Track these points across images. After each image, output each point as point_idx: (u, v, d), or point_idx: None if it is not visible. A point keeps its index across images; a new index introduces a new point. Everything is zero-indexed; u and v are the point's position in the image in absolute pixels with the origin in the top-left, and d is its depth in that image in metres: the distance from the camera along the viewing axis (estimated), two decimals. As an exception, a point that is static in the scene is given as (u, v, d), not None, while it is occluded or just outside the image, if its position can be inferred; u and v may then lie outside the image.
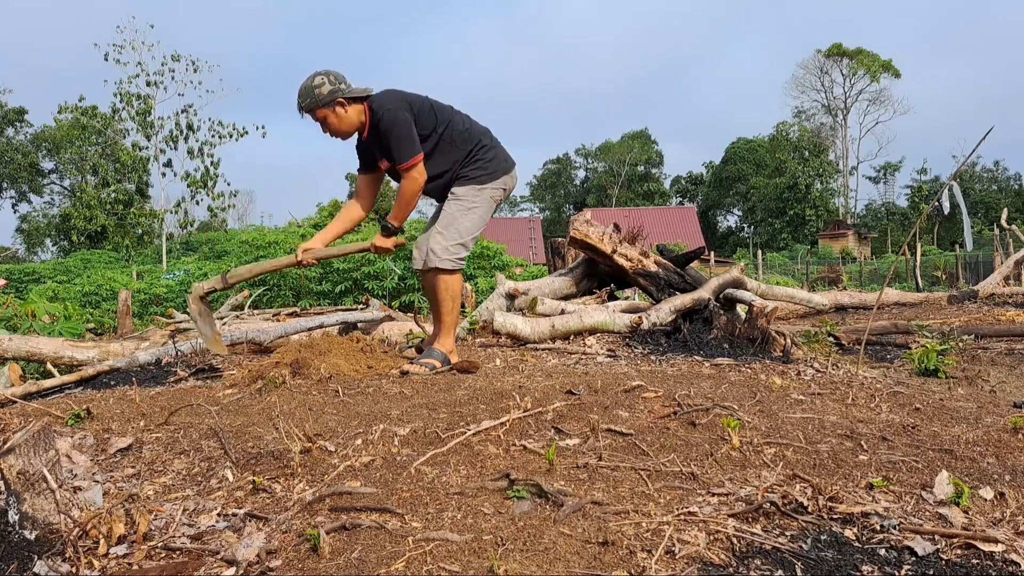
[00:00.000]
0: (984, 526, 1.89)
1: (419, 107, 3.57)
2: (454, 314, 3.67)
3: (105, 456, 2.45)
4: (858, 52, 55.75)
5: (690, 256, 6.03)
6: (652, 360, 3.99)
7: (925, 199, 47.87)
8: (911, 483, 2.16)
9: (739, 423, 2.53)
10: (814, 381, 3.47)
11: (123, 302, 8.56)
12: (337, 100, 3.45)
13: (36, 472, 1.73)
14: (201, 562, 1.71)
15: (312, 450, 2.36)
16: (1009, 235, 17.08)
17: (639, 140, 64.54)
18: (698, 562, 1.65)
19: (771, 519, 1.88)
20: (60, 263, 29.80)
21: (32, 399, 3.37)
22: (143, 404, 3.00)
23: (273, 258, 13.40)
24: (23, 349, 4.50)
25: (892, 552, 1.72)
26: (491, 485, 2.08)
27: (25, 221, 48.23)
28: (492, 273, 13.18)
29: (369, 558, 1.65)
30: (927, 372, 4.11)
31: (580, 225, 5.78)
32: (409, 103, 3.54)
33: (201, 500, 2.09)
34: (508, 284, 5.79)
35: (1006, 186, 56.07)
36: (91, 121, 35.20)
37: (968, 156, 4.12)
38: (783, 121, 58.12)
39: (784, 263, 35.17)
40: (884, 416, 2.85)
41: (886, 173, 58.94)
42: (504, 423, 2.57)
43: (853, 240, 44.68)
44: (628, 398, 2.94)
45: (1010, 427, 2.69)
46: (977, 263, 24.27)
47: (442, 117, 3.64)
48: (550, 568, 1.60)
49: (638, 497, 2.02)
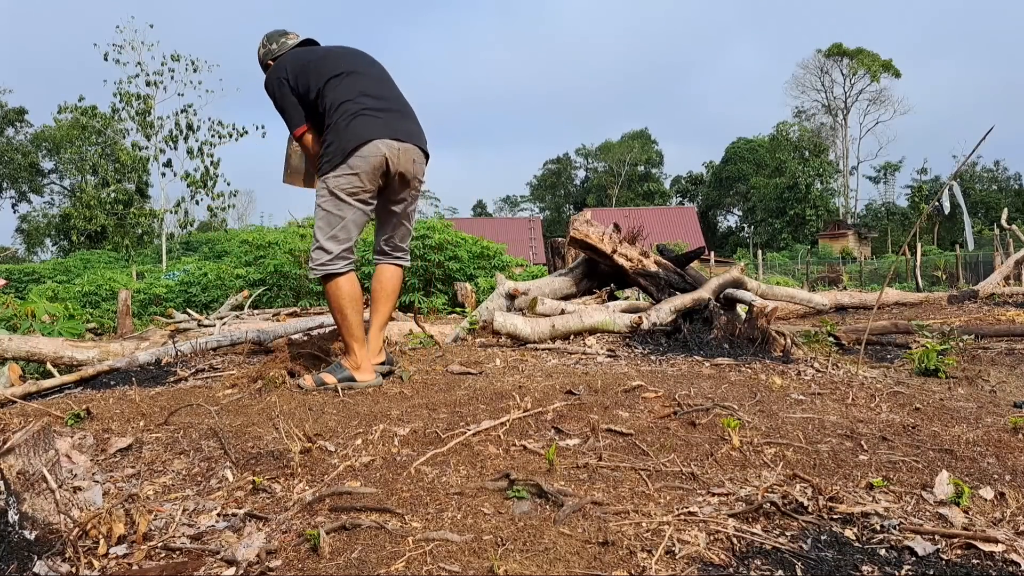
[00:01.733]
0: (984, 526, 1.89)
1: (299, 69, 3.23)
2: (349, 323, 3.19)
3: (105, 456, 2.45)
4: (858, 52, 55.76)
5: (690, 256, 6.04)
6: (652, 360, 3.98)
7: (925, 199, 47.86)
8: (911, 483, 2.15)
9: (739, 423, 2.53)
10: (814, 381, 3.47)
11: (123, 302, 8.56)
12: (267, 63, 3.37)
13: (36, 472, 1.73)
14: (201, 562, 1.71)
15: (312, 450, 2.36)
16: (1009, 235, 17.08)
17: (639, 140, 64.58)
18: (698, 562, 1.65)
19: (771, 519, 1.88)
20: (60, 263, 29.83)
21: (32, 399, 3.37)
22: (143, 404, 3.00)
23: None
24: (23, 349, 4.51)
25: (892, 552, 1.72)
26: (491, 485, 2.08)
27: (25, 221, 48.27)
28: (492, 273, 13.19)
29: (369, 558, 1.65)
30: (927, 372, 4.11)
31: (580, 225, 5.78)
32: (287, 67, 3.24)
33: (201, 500, 2.08)
34: (508, 284, 5.78)
35: (1006, 186, 56.08)
36: (91, 121, 35.17)
37: (968, 156, 4.12)
38: (783, 121, 58.21)
39: (784, 263, 35.18)
40: (884, 416, 2.85)
41: (886, 173, 58.99)
42: (504, 423, 2.57)
43: (853, 240, 44.69)
44: (628, 398, 2.94)
45: (1010, 427, 2.69)
46: (977, 263, 24.28)
47: (317, 81, 3.20)
48: (550, 568, 1.60)
49: (638, 497, 2.02)
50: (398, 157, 3.16)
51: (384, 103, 3.24)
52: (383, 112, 3.21)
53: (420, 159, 3.28)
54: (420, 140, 3.29)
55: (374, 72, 3.35)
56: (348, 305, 3.18)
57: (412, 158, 3.21)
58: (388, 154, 3.14)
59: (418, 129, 3.33)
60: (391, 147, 3.15)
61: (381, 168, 3.15)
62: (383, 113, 3.20)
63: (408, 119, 3.31)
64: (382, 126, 3.16)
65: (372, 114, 3.17)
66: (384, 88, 3.32)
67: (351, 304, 3.19)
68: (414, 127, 3.31)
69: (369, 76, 3.30)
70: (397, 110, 3.28)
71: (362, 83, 3.24)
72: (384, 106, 3.23)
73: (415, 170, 3.25)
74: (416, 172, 3.27)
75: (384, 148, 3.13)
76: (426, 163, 3.34)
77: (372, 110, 3.18)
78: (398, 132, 3.19)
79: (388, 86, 3.36)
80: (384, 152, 3.13)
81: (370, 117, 3.16)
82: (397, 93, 3.38)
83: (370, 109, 3.18)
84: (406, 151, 3.19)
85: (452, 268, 13.35)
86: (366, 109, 3.16)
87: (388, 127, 3.17)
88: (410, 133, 3.25)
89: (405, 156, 3.19)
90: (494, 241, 15.34)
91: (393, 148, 3.15)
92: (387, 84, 3.37)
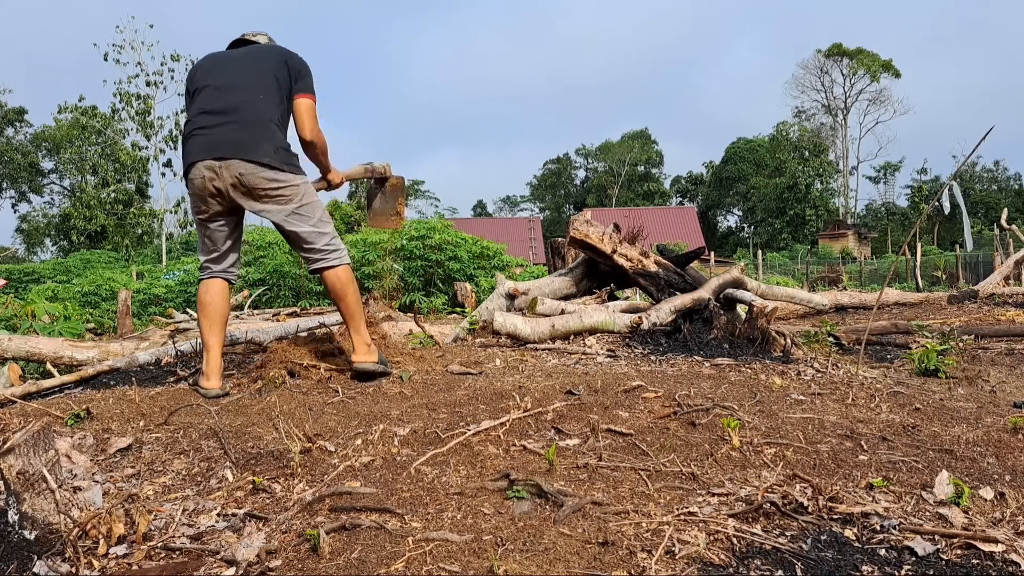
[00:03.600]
0: (984, 526, 1.89)
1: (186, 86, 3.35)
2: (201, 332, 3.34)
3: (105, 456, 2.45)
4: (858, 52, 55.77)
5: (690, 256, 6.04)
6: (652, 360, 3.98)
7: (925, 199, 47.87)
8: (911, 483, 2.15)
9: (739, 423, 2.53)
10: (814, 381, 3.47)
11: (123, 302, 8.56)
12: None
13: (36, 472, 1.73)
14: (201, 562, 1.71)
15: (312, 450, 2.36)
16: (1009, 235, 17.08)
17: (639, 140, 64.57)
18: (698, 562, 1.65)
19: (771, 519, 1.88)
20: (60, 263, 29.81)
21: (32, 399, 3.37)
22: (143, 404, 3.00)
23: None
24: (23, 349, 4.51)
25: (892, 552, 1.72)
26: (491, 485, 2.08)
27: (25, 221, 48.26)
28: (492, 273, 13.19)
29: (369, 558, 1.65)
30: (927, 372, 4.11)
31: (580, 225, 5.78)
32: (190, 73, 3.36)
33: (201, 500, 2.08)
34: (508, 284, 5.78)
35: (1006, 186, 56.09)
36: (91, 121, 35.21)
37: (968, 156, 4.12)
38: (783, 121, 58.25)
39: (784, 263, 35.18)
40: (884, 416, 2.85)
41: (886, 173, 59.01)
42: (504, 423, 2.57)
43: (853, 240, 44.69)
44: (628, 398, 2.94)
45: (1010, 427, 2.69)
46: (977, 263, 24.28)
47: (188, 101, 3.31)
48: (550, 568, 1.60)
49: (638, 497, 2.02)
50: (217, 175, 3.11)
51: (218, 118, 3.15)
52: (212, 129, 3.14)
53: (249, 170, 3.09)
54: (246, 151, 3.10)
55: (224, 79, 3.23)
56: (201, 310, 3.30)
57: (238, 172, 3.08)
58: (207, 175, 3.11)
59: (247, 136, 3.12)
60: (211, 167, 3.11)
61: (207, 190, 3.14)
62: (210, 130, 3.14)
63: (239, 128, 3.13)
64: (205, 146, 3.12)
65: (200, 133, 3.15)
66: (225, 98, 3.17)
67: (201, 309, 3.30)
68: (243, 136, 3.11)
69: (214, 88, 3.20)
70: (229, 122, 3.14)
71: (204, 99, 3.19)
72: (216, 121, 3.14)
73: (249, 182, 3.10)
74: (251, 183, 3.10)
75: (204, 170, 3.12)
76: (268, 168, 3.12)
77: (202, 129, 3.15)
78: (218, 149, 3.10)
79: (232, 93, 3.18)
80: (204, 174, 3.12)
81: (197, 137, 3.15)
82: (242, 98, 3.17)
83: (200, 128, 3.15)
84: (227, 167, 3.09)
85: (452, 268, 13.35)
86: (196, 129, 3.16)
87: (210, 146, 3.12)
88: (235, 146, 3.10)
89: (228, 172, 3.10)
90: (494, 241, 15.34)
91: (213, 168, 3.11)
92: (231, 91, 3.18)
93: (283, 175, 3.14)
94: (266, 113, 3.16)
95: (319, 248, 3.25)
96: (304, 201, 3.22)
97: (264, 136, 3.13)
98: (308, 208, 3.23)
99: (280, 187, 3.15)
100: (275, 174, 3.12)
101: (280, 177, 3.14)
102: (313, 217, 3.24)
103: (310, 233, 3.23)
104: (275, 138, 3.16)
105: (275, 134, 3.17)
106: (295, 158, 3.25)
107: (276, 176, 3.13)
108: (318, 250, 3.25)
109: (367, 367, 3.29)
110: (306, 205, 3.22)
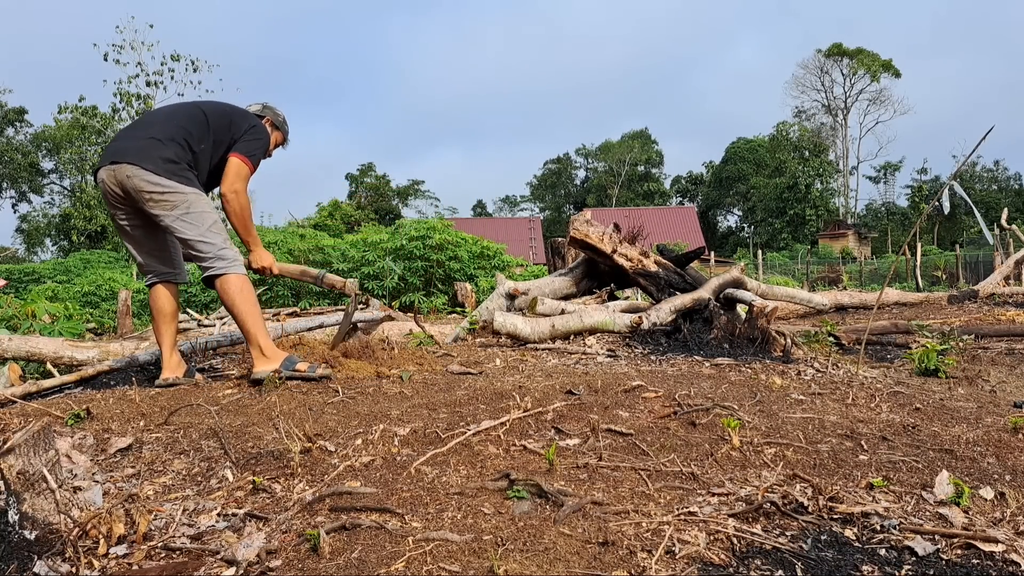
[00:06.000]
0: (984, 526, 1.89)
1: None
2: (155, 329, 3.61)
3: (105, 456, 2.45)
4: (858, 52, 55.79)
5: (690, 256, 6.04)
6: (652, 360, 3.98)
7: (925, 199, 47.86)
8: (911, 483, 2.15)
9: (739, 423, 2.53)
10: (814, 381, 3.47)
11: (123, 302, 8.56)
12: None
13: (36, 472, 1.73)
14: (201, 562, 1.71)
15: (312, 450, 2.36)
16: (1009, 235, 17.09)
17: (639, 140, 64.59)
18: (698, 562, 1.65)
19: (771, 519, 1.88)
20: (60, 263, 29.80)
21: (32, 399, 3.37)
22: (143, 404, 3.00)
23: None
24: (23, 349, 4.50)
25: (892, 552, 1.72)
26: (491, 485, 2.08)
27: (25, 221, 48.28)
28: (492, 273, 13.19)
29: (369, 558, 1.65)
30: (927, 372, 4.11)
31: (580, 225, 5.78)
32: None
33: (201, 500, 2.08)
34: (508, 284, 5.79)
35: (1006, 186, 56.08)
36: (91, 121, 35.17)
37: (968, 156, 4.11)
38: (783, 121, 58.28)
39: (784, 263, 35.18)
40: (884, 416, 2.85)
41: (886, 173, 59.00)
42: (504, 423, 2.57)
43: (853, 240, 44.70)
44: (628, 398, 2.94)
45: (1010, 427, 2.69)
46: (977, 263, 24.30)
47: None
48: (550, 568, 1.60)
49: (638, 497, 2.02)
50: (108, 179, 3.31)
51: (127, 132, 3.42)
52: (116, 140, 3.39)
53: (134, 173, 3.23)
54: (134, 155, 3.27)
55: (165, 111, 3.50)
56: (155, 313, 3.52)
57: (126, 174, 3.25)
58: (106, 178, 3.32)
59: (142, 145, 3.30)
60: (106, 172, 3.31)
61: (109, 193, 3.36)
62: (115, 142, 3.38)
63: (139, 140, 3.33)
64: (107, 153, 3.35)
65: (109, 146, 3.40)
66: (146, 120, 3.47)
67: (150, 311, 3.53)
68: (138, 144, 3.30)
69: (150, 114, 3.52)
70: (133, 136, 3.36)
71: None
72: (123, 135, 3.40)
73: (132, 184, 3.24)
74: (134, 186, 3.25)
75: (103, 174, 3.34)
76: (151, 173, 3.24)
77: (112, 142, 3.41)
78: (115, 155, 3.30)
79: (156, 119, 3.45)
80: (102, 177, 3.34)
81: (107, 148, 3.41)
82: (159, 121, 3.41)
83: (111, 142, 3.42)
84: (118, 170, 3.27)
85: (452, 268, 13.35)
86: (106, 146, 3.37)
87: (111, 153, 3.33)
88: (123, 152, 3.29)
89: (119, 174, 3.27)
90: (494, 241, 15.35)
91: (107, 172, 3.31)
92: (157, 117, 3.45)
93: (167, 182, 3.26)
94: (171, 133, 3.35)
95: (208, 255, 3.35)
96: (192, 209, 3.31)
97: (157, 148, 3.30)
98: (196, 216, 3.32)
99: (164, 191, 3.26)
100: (158, 179, 3.25)
101: (163, 182, 3.25)
102: (201, 226, 3.34)
103: (197, 241, 3.34)
104: (167, 152, 3.31)
105: (170, 149, 3.32)
106: (188, 173, 3.36)
107: (159, 181, 3.25)
108: (206, 257, 3.36)
109: (259, 375, 3.29)
110: (193, 213, 3.32)
